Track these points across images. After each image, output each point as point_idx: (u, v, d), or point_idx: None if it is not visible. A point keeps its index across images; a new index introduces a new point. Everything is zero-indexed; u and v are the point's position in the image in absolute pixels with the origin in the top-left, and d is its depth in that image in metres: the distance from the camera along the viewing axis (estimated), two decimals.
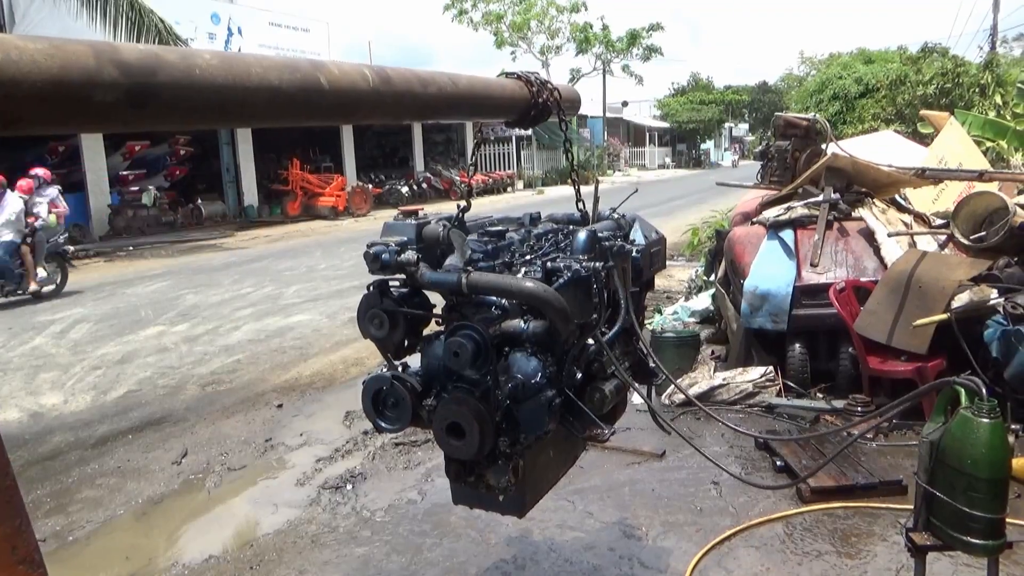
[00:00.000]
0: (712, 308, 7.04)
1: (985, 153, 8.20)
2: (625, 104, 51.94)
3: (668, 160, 53.74)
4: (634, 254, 2.67)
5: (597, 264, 2.20)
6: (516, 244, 2.49)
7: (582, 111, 43.99)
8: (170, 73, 1.22)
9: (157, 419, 5.61)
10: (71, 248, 12.19)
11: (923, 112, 10.88)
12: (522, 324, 2.13)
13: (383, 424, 2.29)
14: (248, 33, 20.83)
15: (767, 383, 5.07)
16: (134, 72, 1.17)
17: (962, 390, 1.80)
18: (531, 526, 3.64)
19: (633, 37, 41.70)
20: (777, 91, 60.75)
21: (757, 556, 3.28)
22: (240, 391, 6.23)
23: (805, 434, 4.44)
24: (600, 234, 2.49)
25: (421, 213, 2.52)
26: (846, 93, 24.05)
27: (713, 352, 6.21)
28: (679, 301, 7.89)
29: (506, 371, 2.13)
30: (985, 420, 1.74)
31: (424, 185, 27.65)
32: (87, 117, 1.14)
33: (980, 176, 5.77)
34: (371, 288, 2.33)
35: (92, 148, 18.01)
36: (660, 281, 10.35)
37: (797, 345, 5.19)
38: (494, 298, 2.18)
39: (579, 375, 2.35)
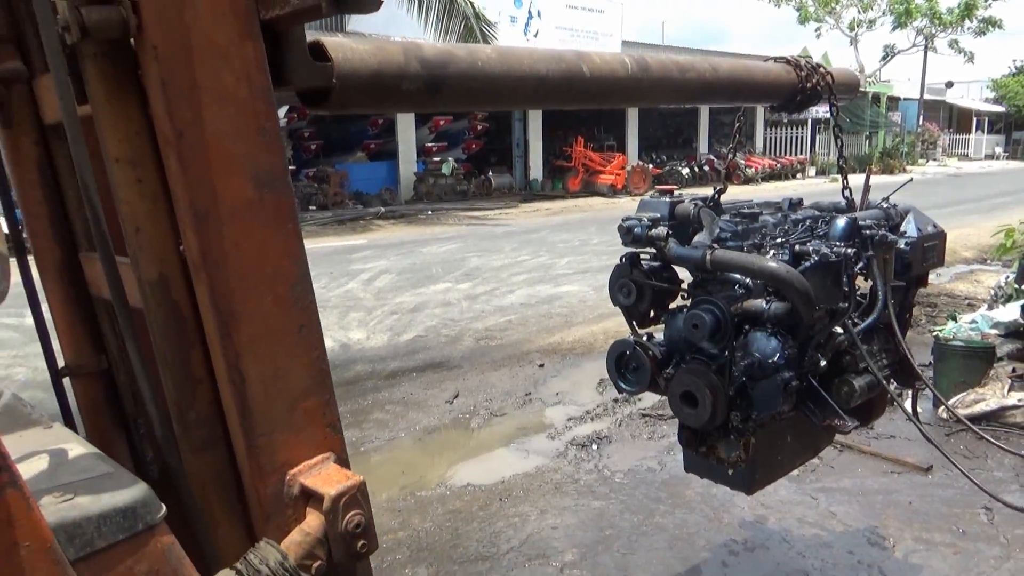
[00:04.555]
0: (1023, 321, 6.16)
1: None
2: (950, 85, 45.76)
3: (999, 150, 46.56)
4: (901, 246, 2.55)
5: (848, 250, 2.16)
6: (769, 227, 2.50)
7: (894, 92, 39.68)
8: (458, 66, 1.50)
9: (437, 363, 6.39)
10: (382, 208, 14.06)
11: None
12: (764, 304, 2.17)
13: (623, 385, 2.47)
14: (547, 15, 21.88)
15: None
16: (432, 65, 1.46)
17: None
18: (768, 514, 3.62)
19: (968, 8, 36.40)
20: None
21: None
22: (508, 348, 6.83)
23: None
24: (863, 222, 2.41)
25: (676, 192, 2.64)
26: None
27: (1015, 370, 5.46)
28: (980, 309, 7.00)
29: (745, 348, 2.19)
30: None
31: (706, 167, 27.09)
32: (395, 101, 1.45)
33: None
34: (623, 259, 2.51)
35: (404, 121, 20.31)
36: (964, 286, 9.23)
37: None
38: (739, 277, 2.25)
39: (823, 363, 2.32)
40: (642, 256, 2.48)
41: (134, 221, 1.11)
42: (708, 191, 2.59)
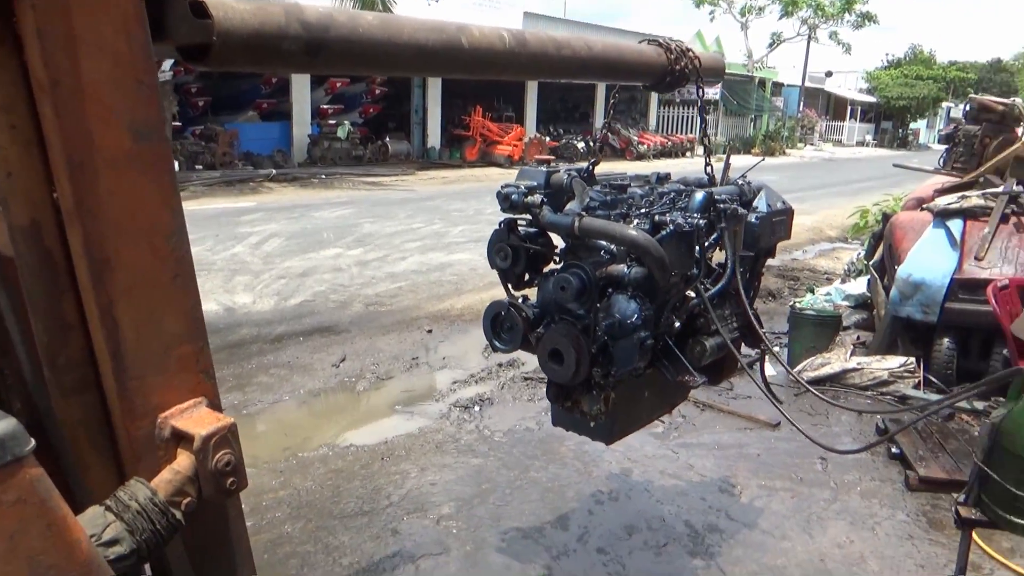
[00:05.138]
0: (869, 294, 6.78)
1: None
2: (829, 75, 48.46)
3: (868, 137, 49.82)
4: (752, 220, 2.80)
5: (700, 221, 2.37)
6: (636, 198, 2.69)
7: (778, 79, 41.51)
8: (339, 30, 1.57)
9: (325, 327, 6.38)
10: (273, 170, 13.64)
11: None
12: (625, 269, 2.35)
13: (498, 344, 2.63)
14: None
15: (905, 374, 4.92)
16: (312, 28, 1.52)
17: None
18: (633, 467, 3.90)
19: (848, 2, 38.51)
20: (1012, 70, 54.11)
21: (846, 528, 3.36)
22: (397, 313, 6.89)
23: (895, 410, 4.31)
24: (718, 197, 2.63)
25: (552, 163, 2.80)
26: None
27: (859, 338, 6.03)
28: (835, 283, 7.64)
29: (607, 310, 2.37)
30: None
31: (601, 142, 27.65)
32: (275, 61, 1.51)
33: None
34: (501, 225, 2.65)
35: (299, 81, 19.62)
36: (826, 262, 9.96)
37: (946, 340, 4.97)
38: (604, 243, 2.42)
39: (678, 324, 2.54)
40: (519, 222, 2.62)
41: (6, 166, 1.13)
42: (603, 165, 2.76)
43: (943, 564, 3.13)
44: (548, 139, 25.42)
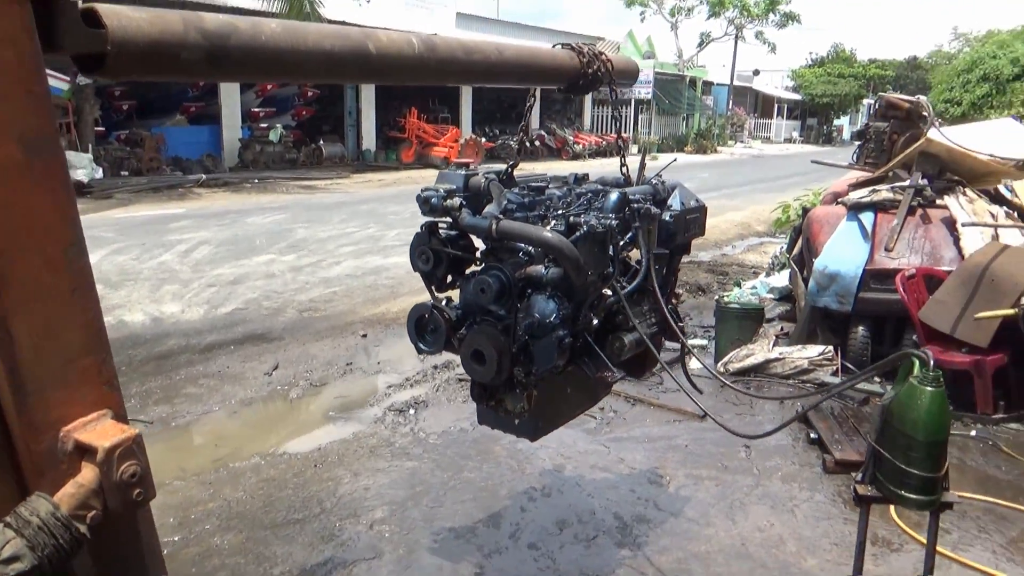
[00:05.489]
0: (791, 286, 7.03)
1: None
2: (756, 73, 49.90)
3: (795, 134, 51.43)
4: (666, 218, 2.89)
5: (613, 221, 2.44)
6: (554, 200, 2.75)
7: (708, 78, 42.50)
8: (241, 38, 1.57)
9: (257, 335, 6.28)
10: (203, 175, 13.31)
11: None
12: (543, 270, 2.41)
13: (422, 346, 2.65)
14: None
15: (824, 362, 5.14)
16: (213, 37, 1.52)
17: (916, 361, 1.97)
18: (565, 463, 3.97)
19: (772, 2, 39.73)
20: (927, 68, 56.57)
21: (767, 511, 3.50)
22: (332, 319, 6.83)
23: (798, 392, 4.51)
24: (632, 197, 2.71)
25: (472, 166, 2.84)
26: (998, 75, 22.28)
27: (783, 329, 6.26)
28: (760, 276, 7.90)
29: (527, 310, 2.42)
30: (928, 388, 1.90)
31: (537, 143, 27.84)
32: (176, 71, 1.50)
33: None
34: (422, 228, 2.68)
35: (229, 84, 19.18)
36: (754, 256, 10.27)
37: (861, 328, 5.21)
38: (523, 245, 2.47)
39: (596, 322, 2.61)
40: (440, 225, 2.66)
41: None
42: (537, 165, 2.81)
43: None
44: (484, 140, 25.45)
